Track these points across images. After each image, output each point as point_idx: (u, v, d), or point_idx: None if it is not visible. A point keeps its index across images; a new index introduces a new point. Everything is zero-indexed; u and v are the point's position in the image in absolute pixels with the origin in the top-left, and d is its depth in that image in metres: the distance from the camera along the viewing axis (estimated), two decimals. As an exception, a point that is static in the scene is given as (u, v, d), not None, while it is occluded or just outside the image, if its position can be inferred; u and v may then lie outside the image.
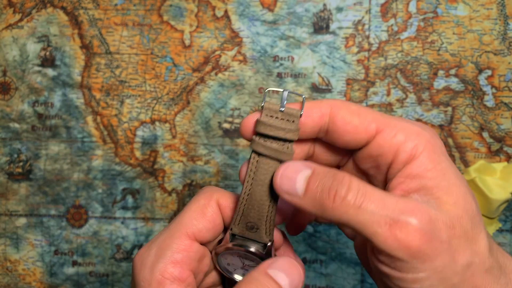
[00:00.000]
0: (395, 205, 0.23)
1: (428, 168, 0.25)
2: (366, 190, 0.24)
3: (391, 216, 0.23)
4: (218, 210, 0.29)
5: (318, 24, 0.51)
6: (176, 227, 0.28)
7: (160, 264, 0.27)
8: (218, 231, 0.29)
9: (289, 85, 0.51)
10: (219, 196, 0.29)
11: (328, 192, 0.24)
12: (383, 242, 0.23)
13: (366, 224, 0.23)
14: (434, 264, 0.23)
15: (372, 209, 0.23)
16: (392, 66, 0.50)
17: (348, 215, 0.23)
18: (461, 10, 0.50)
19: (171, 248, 0.28)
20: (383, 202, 0.23)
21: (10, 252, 0.53)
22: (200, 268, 0.29)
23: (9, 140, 0.53)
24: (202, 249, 0.29)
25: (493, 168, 0.49)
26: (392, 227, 0.23)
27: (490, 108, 0.50)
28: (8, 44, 0.53)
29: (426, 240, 0.23)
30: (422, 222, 0.23)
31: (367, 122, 0.26)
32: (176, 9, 0.52)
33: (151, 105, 0.52)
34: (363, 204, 0.23)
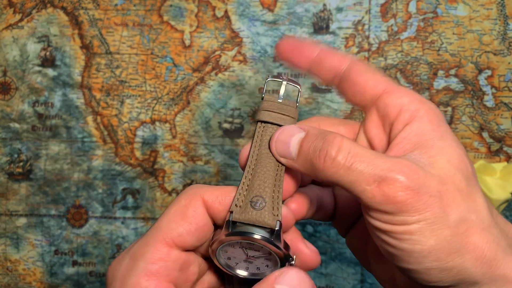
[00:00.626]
0: (384, 164, 0.24)
1: (426, 129, 0.26)
2: (357, 151, 0.24)
3: (380, 174, 0.23)
4: (203, 209, 0.26)
5: (318, 24, 0.51)
6: (152, 233, 0.25)
7: (132, 277, 0.24)
8: (204, 233, 0.26)
9: (289, 85, 0.51)
10: (204, 192, 0.26)
11: (318, 153, 0.25)
12: (372, 198, 0.24)
13: (355, 183, 0.24)
14: (424, 216, 0.23)
15: (362, 169, 0.24)
16: (392, 66, 0.51)
17: (338, 175, 0.24)
18: (461, 10, 0.50)
19: (145, 258, 0.24)
20: (373, 161, 0.24)
21: (10, 252, 0.53)
22: (185, 278, 0.26)
23: (10, 140, 0.53)
24: (184, 256, 0.26)
25: (493, 168, 0.49)
26: (380, 184, 0.23)
27: (490, 108, 0.50)
28: (8, 44, 0.53)
29: (413, 194, 0.23)
30: (410, 178, 0.23)
31: (378, 80, 0.28)
32: (176, 9, 0.52)
33: (151, 105, 0.52)
34: (353, 165, 0.24)
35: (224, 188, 0.26)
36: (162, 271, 0.24)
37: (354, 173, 0.24)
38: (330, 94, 0.51)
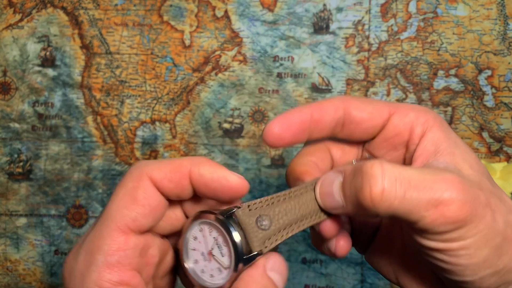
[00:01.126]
0: (435, 184, 0.23)
1: (441, 137, 0.26)
2: (403, 174, 0.23)
3: (436, 198, 0.23)
4: (153, 189, 0.24)
5: (318, 24, 0.51)
6: (104, 223, 0.24)
7: (92, 273, 0.23)
8: (159, 212, 0.25)
9: (289, 85, 0.51)
10: (151, 171, 0.24)
11: (362, 192, 0.23)
12: (432, 222, 0.23)
13: (412, 211, 0.23)
14: (479, 227, 0.23)
15: (417, 196, 0.23)
16: (392, 66, 0.51)
17: (393, 208, 0.23)
18: (461, 10, 0.50)
19: (102, 250, 0.23)
20: (424, 184, 0.23)
21: (10, 252, 0.53)
22: (145, 262, 0.25)
23: (10, 140, 0.53)
24: (143, 240, 0.24)
25: (493, 168, 0.49)
26: (438, 207, 0.22)
27: (490, 108, 0.50)
28: (8, 44, 0.53)
29: (470, 209, 0.23)
30: (464, 193, 0.23)
31: (379, 108, 0.28)
32: (176, 9, 0.52)
33: (151, 105, 0.52)
34: (406, 194, 0.23)
35: (173, 164, 0.25)
36: (123, 261, 0.23)
37: (409, 201, 0.23)
38: (329, 94, 0.51)
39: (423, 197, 0.23)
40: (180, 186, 0.25)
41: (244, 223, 0.23)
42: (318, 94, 0.51)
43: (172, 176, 0.24)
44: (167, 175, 0.24)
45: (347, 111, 0.27)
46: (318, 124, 0.27)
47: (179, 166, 0.25)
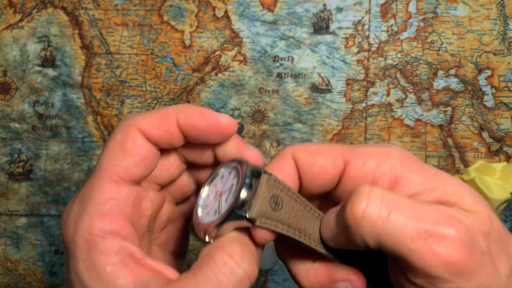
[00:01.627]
0: (428, 213, 0.20)
1: (420, 181, 0.22)
2: (391, 196, 0.21)
3: (426, 228, 0.20)
4: (142, 138, 0.24)
5: (318, 25, 0.51)
6: (96, 174, 0.24)
7: (84, 221, 0.23)
8: (150, 161, 0.25)
9: (289, 85, 0.51)
10: (138, 122, 0.24)
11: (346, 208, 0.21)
12: (420, 259, 0.20)
13: (398, 238, 0.20)
14: (480, 279, 0.20)
15: (402, 221, 0.20)
16: (392, 66, 0.51)
17: (376, 229, 0.20)
18: (461, 10, 0.50)
19: (94, 199, 0.23)
20: (413, 210, 0.20)
21: (10, 252, 0.53)
22: (138, 214, 0.25)
23: (10, 140, 0.53)
24: (135, 191, 0.24)
25: (493, 168, 0.49)
26: (428, 241, 0.20)
27: (490, 108, 0.50)
28: (8, 44, 0.53)
29: (468, 253, 0.20)
30: (461, 232, 0.20)
31: (331, 158, 0.24)
32: (176, 9, 0.52)
33: (151, 105, 0.52)
34: (391, 215, 0.20)
35: (159, 112, 0.25)
36: (114, 210, 0.23)
37: (393, 225, 0.20)
38: (329, 94, 0.51)
39: (410, 224, 0.20)
40: (168, 133, 0.24)
41: (261, 190, 0.23)
42: (318, 94, 0.51)
43: (159, 124, 0.24)
44: (155, 123, 0.24)
45: (298, 167, 0.24)
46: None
47: (165, 114, 0.24)
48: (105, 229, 0.23)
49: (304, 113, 0.51)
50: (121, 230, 0.23)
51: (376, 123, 0.51)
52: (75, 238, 0.23)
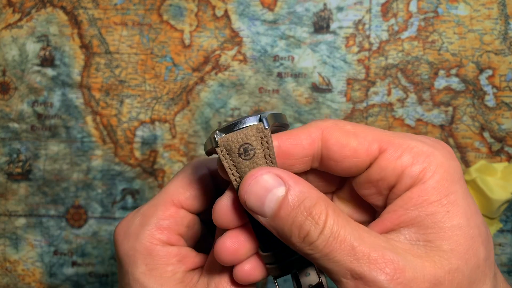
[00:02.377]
0: (366, 255, 0.20)
1: (430, 200, 0.21)
2: (339, 232, 0.20)
3: (358, 271, 0.20)
4: (208, 176, 0.28)
5: (318, 24, 0.51)
6: (161, 196, 0.28)
7: (146, 231, 0.26)
8: (208, 199, 0.28)
9: (289, 85, 0.51)
10: (208, 162, 0.28)
11: (299, 229, 0.21)
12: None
13: (332, 271, 0.21)
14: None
15: (339, 259, 0.20)
16: (392, 66, 0.50)
17: (313, 257, 0.21)
18: (462, 9, 0.50)
19: (156, 215, 0.27)
20: (354, 250, 0.20)
21: (9, 253, 0.53)
22: (191, 235, 0.28)
23: (9, 140, 0.53)
24: (191, 217, 0.28)
25: (494, 168, 0.49)
26: (358, 282, 0.20)
27: (491, 108, 0.50)
28: (7, 44, 0.52)
29: None
30: (393, 280, 0.19)
31: (367, 143, 0.22)
32: (176, 9, 0.52)
33: (150, 105, 0.52)
34: (331, 253, 0.20)
35: None
36: (172, 226, 0.27)
37: (330, 261, 0.20)
38: (330, 94, 0.51)
39: (344, 263, 0.20)
40: None
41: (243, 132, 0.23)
42: (318, 94, 0.51)
43: None
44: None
45: (326, 145, 0.23)
46: (288, 157, 0.23)
47: None
48: (163, 239, 0.26)
49: (305, 113, 0.51)
50: (176, 242, 0.27)
51: (376, 123, 0.50)
52: (136, 246, 0.26)
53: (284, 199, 0.21)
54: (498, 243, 0.50)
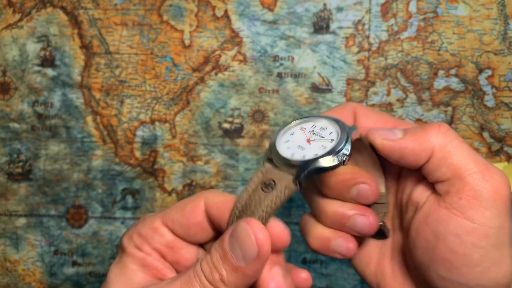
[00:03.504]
0: (484, 159, 0.26)
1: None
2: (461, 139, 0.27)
3: (485, 163, 0.25)
4: (202, 209, 0.28)
5: (318, 24, 0.51)
6: (159, 212, 0.29)
7: (128, 231, 0.29)
8: (196, 231, 0.28)
9: (289, 85, 0.51)
10: (208, 195, 0.28)
11: (431, 125, 0.27)
12: (477, 180, 0.25)
13: (464, 161, 0.25)
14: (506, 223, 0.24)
15: (469, 151, 0.26)
16: (392, 66, 0.50)
17: (450, 146, 0.26)
18: (462, 10, 0.50)
19: (142, 221, 0.29)
20: (475, 151, 0.27)
21: (9, 252, 0.53)
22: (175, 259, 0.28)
23: (9, 140, 0.53)
24: (175, 240, 0.28)
25: (494, 168, 0.49)
26: (486, 172, 0.25)
27: (491, 108, 0.50)
28: (7, 44, 0.52)
29: (508, 193, 0.24)
30: (506, 178, 0.25)
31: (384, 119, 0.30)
32: (176, 9, 0.52)
33: (151, 105, 0.52)
34: (462, 144, 0.27)
35: (227, 196, 0.28)
36: (148, 237, 0.28)
37: (463, 151, 0.25)
38: (330, 94, 0.51)
39: (476, 156, 0.26)
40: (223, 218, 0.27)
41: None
42: (318, 94, 0.51)
43: (220, 207, 0.27)
44: (217, 204, 0.27)
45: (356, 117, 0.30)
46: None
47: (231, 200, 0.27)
48: (139, 246, 0.28)
49: (305, 113, 0.51)
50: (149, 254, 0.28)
51: (376, 123, 0.50)
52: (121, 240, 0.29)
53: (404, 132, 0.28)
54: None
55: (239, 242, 0.24)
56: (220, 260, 0.24)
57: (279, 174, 0.26)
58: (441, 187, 0.26)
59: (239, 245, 0.24)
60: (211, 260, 0.25)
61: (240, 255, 0.24)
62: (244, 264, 0.24)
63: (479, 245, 0.24)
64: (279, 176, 0.26)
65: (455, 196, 0.25)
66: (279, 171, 0.26)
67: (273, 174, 0.26)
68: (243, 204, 0.26)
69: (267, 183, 0.26)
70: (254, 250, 0.24)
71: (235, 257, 0.24)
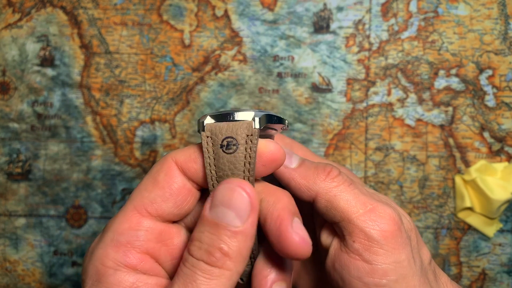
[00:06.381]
0: (373, 196, 0.26)
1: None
2: (352, 178, 0.27)
3: (372, 202, 0.25)
4: (177, 171, 0.23)
5: (318, 24, 0.51)
6: (125, 204, 0.23)
7: (99, 250, 0.21)
8: (182, 197, 0.23)
9: (289, 85, 0.51)
10: (175, 154, 0.23)
11: (324, 168, 0.26)
12: (363, 222, 0.25)
13: (351, 203, 0.25)
14: (401, 256, 0.24)
15: (357, 193, 0.26)
16: (392, 66, 0.50)
17: (337, 190, 0.25)
18: (462, 9, 0.50)
19: (113, 228, 0.22)
20: (365, 191, 0.26)
21: (9, 253, 0.53)
22: (168, 252, 0.23)
23: (9, 140, 0.53)
24: (162, 227, 0.23)
25: (494, 168, 0.49)
26: (372, 212, 0.25)
27: (491, 108, 0.50)
28: (7, 44, 0.52)
29: (398, 228, 0.25)
30: (396, 213, 0.25)
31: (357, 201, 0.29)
32: (176, 9, 0.52)
33: (150, 105, 0.52)
34: (351, 186, 0.26)
35: (198, 145, 0.24)
36: (132, 242, 0.21)
37: (351, 194, 0.25)
38: (330, 94, 0.51)
39: (361, 198, 0.26)
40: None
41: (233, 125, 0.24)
42: (318, 94, 0.51)
43: (196, 157, 0.23)
44: (191, 155, 0.23)
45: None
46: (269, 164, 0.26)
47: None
48: (119, 260, 0.21)
49: (305, 113, 0.51)
50: (138, 264, 0.21)
51: (376, 123, 0.50)
52: (87, 268, 0.21)
53: (303, 161, 0.28)
54: (498, 243, 0.50)
55: (228, 204, 0.21)
56: (213, 234, 0.21)
57: (232, 126, 0.23)
58: (337, 229, 0.26)
59: (230, 207, 0.21)
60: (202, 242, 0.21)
61: (233, 217, 0.21)
62: (241, 223, 0.21)
63: (381, 283, 0.23)
64: (234, 128, 0.23)
65: (349, 240, 0.25)
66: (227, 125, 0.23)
67: (224, 131, 0.23)
68: (215, 175, 0.23)
69: (223, 144, 0.23)
70: (247, 203, 0.21)
71: (228, 222, 0.21)
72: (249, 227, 0.21)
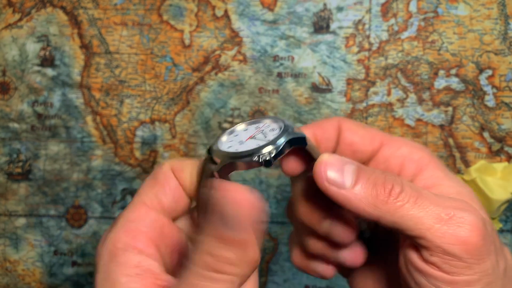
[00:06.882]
0: (448, 202, 0.23)
1: (441, 176, 0.25)
2: (418, 189, 0.24)
3: (447, 212, 0.22)
4: (172, 174, 0.26)
5: (318, 24, 0.51)
6: (133, 199, 0.26)
7: (111, 233, 0.24)
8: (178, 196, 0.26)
9: (289, 85, 0.51)
10: (171, 162, 0.26)
11: (384, 185, 0.23)
12: (440, 237, 0.22)
13: (422, 219, 0.22)
14: (486, 265, 0.22)
15: (427, 204, 0.23)
16: (392, 66, 0.50)
17: (402, 210, 0.23)
18: (462, 9, 0.50)
19: (124, 217, 0.25)
20: (436, 199, 0.23)
21: (9, 253, 0.53)
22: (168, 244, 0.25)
23: (9, 140, 0.53)
24: (164, 221, 0.25)
25: (494, 168, 0.49)
26: (449, 222, 0.22)
27: (491, 108, 0.50)
28: (7, 44, 0.52)
29: (482, 237, 0.22)
30: (478, 218, 0.22)
31: (372, 134, 0.27)
32: (176, 9, 0.52)
33: (150, 105, 0.52)
34: (418, 199, 0.23)
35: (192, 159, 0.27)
36: (141, 228, 0.24)
37: (420, 208, 0.23)
38: (330, 94, 0.51)
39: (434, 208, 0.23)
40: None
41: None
42: (318, 94, 0.51)
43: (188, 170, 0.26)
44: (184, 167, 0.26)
45: (341, 132, 0.27)
46: (319, 143, 0.27)
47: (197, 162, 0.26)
48: (128, 243, 0.24)
49: (305, 113, 0.51)
50: (145, 248, 0.24)
51: (376, 123, 0.50)
52: (100, 251, 0.24)
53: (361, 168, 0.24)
54: (498, 243, 0.50)
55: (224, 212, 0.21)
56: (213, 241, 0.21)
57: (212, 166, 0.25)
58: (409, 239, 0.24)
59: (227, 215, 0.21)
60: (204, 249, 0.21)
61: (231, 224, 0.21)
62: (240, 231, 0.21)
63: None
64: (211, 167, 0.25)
65: (426, 252, 0.23)
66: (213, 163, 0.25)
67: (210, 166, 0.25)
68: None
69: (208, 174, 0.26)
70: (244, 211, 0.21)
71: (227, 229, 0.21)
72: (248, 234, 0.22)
